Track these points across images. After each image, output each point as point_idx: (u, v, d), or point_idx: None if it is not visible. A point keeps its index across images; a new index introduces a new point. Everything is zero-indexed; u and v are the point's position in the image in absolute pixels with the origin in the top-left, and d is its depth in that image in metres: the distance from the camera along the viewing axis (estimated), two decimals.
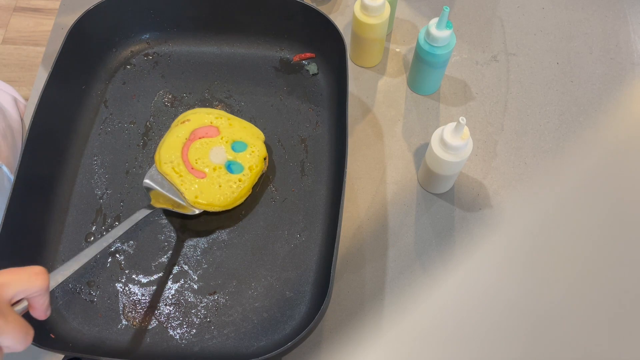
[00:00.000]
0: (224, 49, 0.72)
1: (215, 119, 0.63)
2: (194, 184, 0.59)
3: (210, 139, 0.62)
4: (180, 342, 0.55)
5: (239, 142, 0.62)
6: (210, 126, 0.62)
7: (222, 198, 0.59)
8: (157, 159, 0.61)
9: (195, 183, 0.59)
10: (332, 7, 0.78)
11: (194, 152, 0.61)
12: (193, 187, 0.59)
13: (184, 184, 0.59)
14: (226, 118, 0.63)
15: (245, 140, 0.62)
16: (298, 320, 0.56)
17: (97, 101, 0.68)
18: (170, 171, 0.60)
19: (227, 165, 0.61)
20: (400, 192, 0.65)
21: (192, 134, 0.62)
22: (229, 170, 0.60)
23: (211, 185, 0.59)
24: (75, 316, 0.56)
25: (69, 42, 0.63)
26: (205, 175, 0.60)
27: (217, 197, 0.59)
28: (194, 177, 0.59)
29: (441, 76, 0.69)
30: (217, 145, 0.61)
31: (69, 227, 0.61)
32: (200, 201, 0.59)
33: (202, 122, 0.62)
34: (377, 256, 0.61)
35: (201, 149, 0.61)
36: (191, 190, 0.59)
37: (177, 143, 0.61)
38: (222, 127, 0.63)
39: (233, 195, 0.59)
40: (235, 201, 0.60)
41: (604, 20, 0.76)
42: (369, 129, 0.69)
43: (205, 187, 0.59)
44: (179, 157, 0.60)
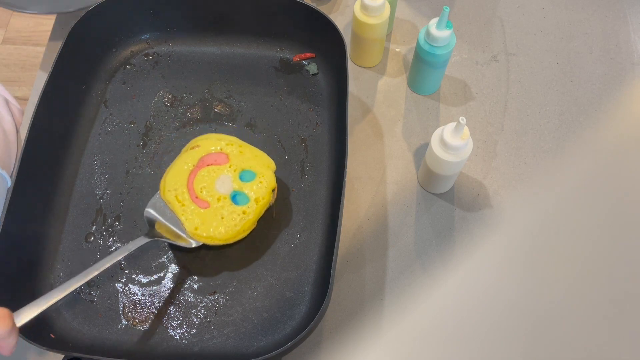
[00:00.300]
0: (224, 49, 0.72)
1: (226, 145, 0.60)
2: (195, 213, 0.56)
3: (218, 166, 0.58)
4: (180, 342, 0.55)
5: (247, 172, 0.58)
6: (220, 153, 0.59)
7: (223, 231, 0.56)
8: (162, 185, 0.58)
9: (197, 213, 0.56)
10: (332, 7, 0.78)
11: (200, 180, 0.58)
12: (194, 217, 0.56)
13: (185, 214, 0.56)
14: (237, 145, 0.60)
15: (254, 169, 0.59)
16: (298, 320, 0.56)
17: (97, 101, 0.68)
18: (172, 199, 0.57)
19: (232, 195, 0.57)
20: (400, 192, 0.65)
21: (200, 161, 0.59)
22: (233, 201, 0.57)
23: (213, 216, 0.56)
24: (75, 316, 0.56)
25: (69, 42, 0.63)
26: (208, 206, 0.56)
27: (218, 230, 0.56)
28: (196, 206, 0.56)
29: (441, 76, 0.69)
30: (225, 174, 0.58)
31: (69, 227, 0.61)
32: (199, 233, 0.56)
33: (212, 149, 0.59)
34: (377, 256, 0.61)
35: (208, 177, 0.58)
36: (192, 220, 0.56)
37: (184, 170, 0.58)
38: (232, 154, 0.59)
39: (235, 229, 0.56)
40: (237, 235, 0.57)
41: (604, 20, 0.76)
42: (369, 129, 0.69)
43: (207, 218, 0.56)
44: (184, 185, 0.57)
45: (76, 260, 0.59)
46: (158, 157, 0.65)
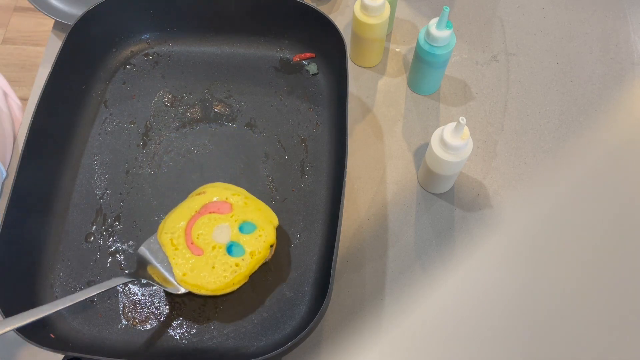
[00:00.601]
0: (224, 49, 0.72)
1: (232, 195, 0.58)
2: (187, 259, 0.54)
3: (220, 215, 0.57)
4: (180, 342, 0.55)
5: (248, 223, 0.56)
6: (224, 202, 0.57)
7: (211, 281, 0.53)
8: (160, 227, 0.57)
9: (189, 259, 0.54)
10: (332, 7, 0.78)
11: (199, 227, 0.56)
12: (185, 263, 0.54)
13: (176, 258, 0.54)
14: (243, 196, 0.58)
15: (255, 222, 0.56)
16: (298, 320, 0.56)
17: (97, 101, 0.68)
18: (167, 242, 0.55)
19: (228, 246, 0.55)
20: (400, 192, 0.65)
21: (203, 208, 0.57)
22: (228, 251, 0.55)
23: (205, 264, 0.54)
24: (75, 316, 0.56)
25: (69, 42, 0.63)
26: (202, 253, 0.55)
27: (207, 280, 0.53)
28: (190, 252, 0.55)
29: (441, 76, 0.69)
30: (224, 223, 0.56)
31: (69, 227, 0.61)
32: (187, 280, 0.54)
33: (217, 197, 0.58)
34: (377, 256, 0.61)
35: (208, 224, 0.56)
36: (182, 266, 0.54)
37: (186, 214, 0.57)
38: (236, 205, 0.57)
39: (225, 281, 0.53)
40: (227, 287, 0.54)
41: (604, 20, 0.76)
42: (369, 129, 0.69)
43: (197, 265, 0.54)
44: (182, 229, 0.56)
45: (76, 260, 0.59)
46: (158, 157, 0.65)
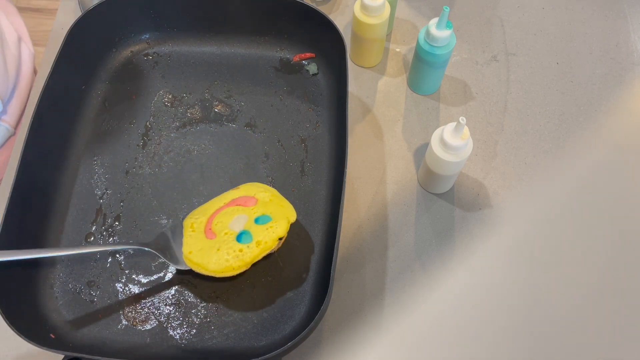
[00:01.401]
0: (224, 49, 0.72)
1: (260, 192, 0.59)
2: (197, 239, 0.56)
3: (244, 207, 0.58)
4: (180, 342, 0.55)
5: (264, 216, 0.57)
6: (251, 197, 0.59)
7: (212, 262, 0.54)
8: (190, 214, 0.59)
9: (199, 239, 0.56)
10: (332, 7, 0.78)
11: (221, 216, 0.58)
12: (194, 242, 0.56)
13: (188, 238, 0.57)
14: (270, 194, 0.59)
15: (271, 215, 0.57)
16: (298, 320, 0.56)
17: (97, 101, 0.68)
18: (188, 225, 0.58)
19: (239, 233, 0.56)
20: (400, 192, 0.65)
21: (232, 201, 0.59)
22: (238, 239, 0.56)
23: (212, 247, 0.55)
24: (75, 316, 0.57)
25: (69, 42, 0.63)
26: (214, 237, 0.56)
27: (209, 260, 0.55)
28: (204, 235, 0.57)
29: (441, 76, 0.69)
30: (243, 214, 0.57)
31: (69, 227, 0.61)
32: (191, 257, 0.55)
33: (247, 193, 0.60)
34: (377, 256, 0.61)
35: (229, 214, 0.58)
36: (191, 244, 0.56)
37: (215, 205, 0.59)
38: (261, 200, 0.59)
39: (225, 264, 0.54)
40: (227, 270, 0.54)
41: (604, 20, 0.76)
42: (369, 129, 0.69)
43: (204, 246, 0.56)
44: (207, 217, 0.58)
45: (76, 260, 0.59)
46: (158, 157, 0.65)
